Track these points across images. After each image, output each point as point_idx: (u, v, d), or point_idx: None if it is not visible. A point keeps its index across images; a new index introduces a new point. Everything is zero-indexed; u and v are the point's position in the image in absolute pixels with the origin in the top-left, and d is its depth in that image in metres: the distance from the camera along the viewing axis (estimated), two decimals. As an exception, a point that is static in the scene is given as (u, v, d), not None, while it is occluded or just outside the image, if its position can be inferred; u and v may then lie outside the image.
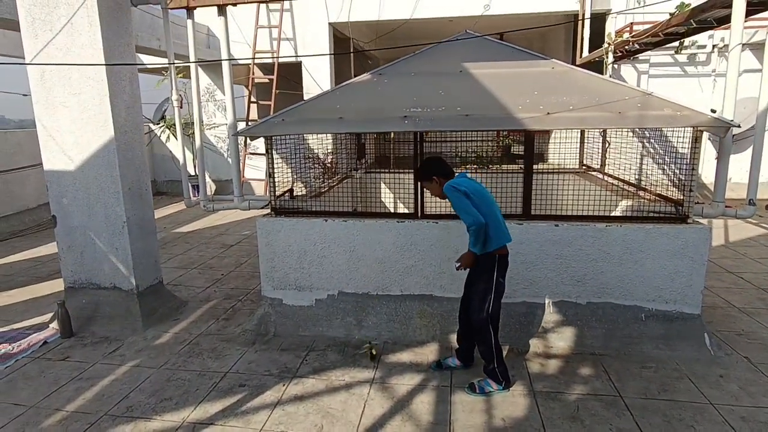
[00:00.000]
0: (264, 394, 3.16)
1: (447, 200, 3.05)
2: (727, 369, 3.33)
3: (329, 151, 5.88)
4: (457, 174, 3.13)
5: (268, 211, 4.17)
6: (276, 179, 4.14)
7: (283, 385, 3.26)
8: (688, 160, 3.66)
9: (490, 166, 6.68)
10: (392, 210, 5.86)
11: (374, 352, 3.58)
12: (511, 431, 2.73)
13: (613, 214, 3.99)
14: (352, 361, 3.54)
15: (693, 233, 3.57)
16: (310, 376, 3.36)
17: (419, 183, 3.27)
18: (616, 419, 2.81)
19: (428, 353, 3.62)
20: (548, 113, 3.47)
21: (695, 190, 3.71)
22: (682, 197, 3.72)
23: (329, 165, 5.81)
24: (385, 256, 3.88)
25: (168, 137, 11.44)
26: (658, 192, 4.19)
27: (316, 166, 5.55)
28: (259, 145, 10.02)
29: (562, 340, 3.68)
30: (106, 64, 3.90)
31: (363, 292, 3.97)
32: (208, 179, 10.36)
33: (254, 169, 10.40)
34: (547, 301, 3.77)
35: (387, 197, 6.05)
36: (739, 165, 7.70)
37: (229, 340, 3.95)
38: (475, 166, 6.72)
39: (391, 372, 3.38)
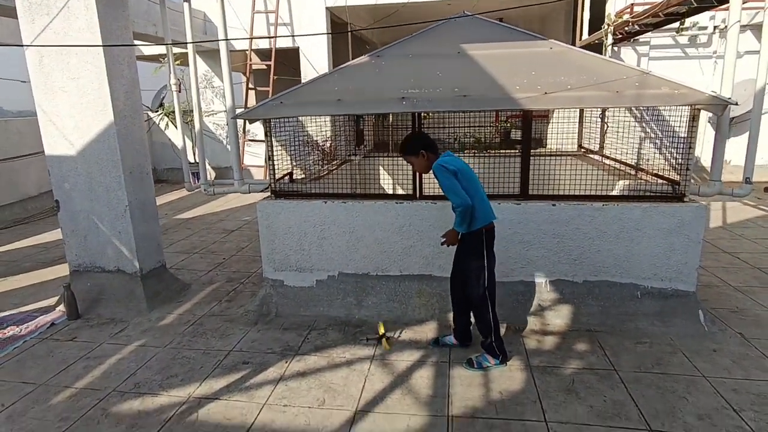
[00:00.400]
0: (267, 370, 3.24)
1: (428, 175, 3.11)
2: (721, 344, 3.40)
3: (328, 136, 5.90)
4: (443, 153, 3.16)
5: (268, 194, 4.22)
6: (275, 163, 4.17)
7: (286, 362, 3.34)
8: (686, 140, 3.69)
9: (489, 150, 6.69)
10: (391, 192, 5.90)
11: (386, 336, 3.55)
12: (508, 403, 2.81)
13: (610, 194, 4.03)
14: (353, 339, 3.61)
15: (689, 211, 3.61)
16: (312, 354, 3.43)
17: (405, 157, 3.23)
18: (610, 391, 2.89)
19: (427, 331, 3.69)
20: (546, 93, 3.49)
21: (692, 168, 3.75)
22: (678, 176, 3.76)
23: (328, 150, 5.84)
24: (385, 236, 3.93)
25: (167, 125, 11.45)
26: (655, 172, 4.22)
27: (315, 151, 5.58)
28: (258, 131, 10.04)
29: (558, 317, 3.75)
30: (103, 45, 3.91)
31: (363, 273, 4.03)
32: (207, 166, 10.40)
33: (253, 156, 10.43)
34: (544, 280, 3.83)
35: (386, 181, 6.08)
36: (738, 148, 7.70)
37: (232, 320, 4.02)
38: (474, 150, 6.73)
39: (391, 349, 3.45)
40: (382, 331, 3.57)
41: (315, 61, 9.91)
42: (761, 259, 5.16)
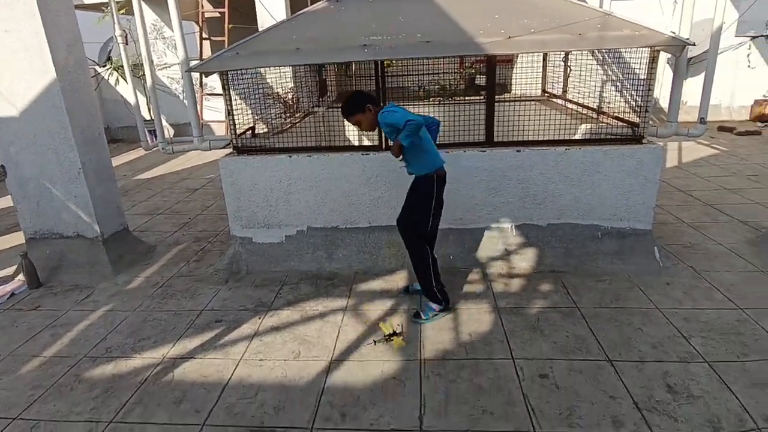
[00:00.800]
0: (241, 327, 3.26)
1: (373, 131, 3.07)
2: (674, 277, 3.61)
3: (290, 88, 5.69)
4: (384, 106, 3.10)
5: (230, 150, 4.08)
6: (236, 118, 4.01)
7: (259, 318, 3.36)
8: (645, 82, 3.74)
9: (454, 98, 6.63)
10: (357, 144, 5.81)
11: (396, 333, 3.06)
12: (477, 344, 2.93)
13: (573, 138, 4.08)
14: (325, 292, 3.65)
15: (647, 153, 3.71)
16: (285, 308, 3.46)
17: (352, 118, 3.03)
18: (572, 327, 3.05)
19: (398, 280, 3.77)
20: (509, 37, 3.43)
21: (651, 110, 3.82)
22: (638, 119, 3.83)
23: (290, 102, 5.65)
24: (352, 189, 3.90)
25: (117, 80, 10.78)
26: (615, 115, 4.29)
27: (277, 103, 5.38)
28: (216, 85, 9.57)
29: (524, 260, 3.88)
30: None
31: (332, 226, 4.03)
32: (165, 123, 9.94)
33: (213, 111, 10.01)
34: (510, 225, 3.93)
35: (351, 132, 5.97)
36: (694, 88, 7.86)
37: (202, 280, 3.99)
38: (439, 98, 6.65)
39: (363, 300, 3.52)
40: (388, 330, 3.08)
41: (271, 7, 9.37)
42: (712, 196, 5.42)
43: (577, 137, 4.12)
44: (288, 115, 5.42)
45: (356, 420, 2.38)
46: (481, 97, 4.09)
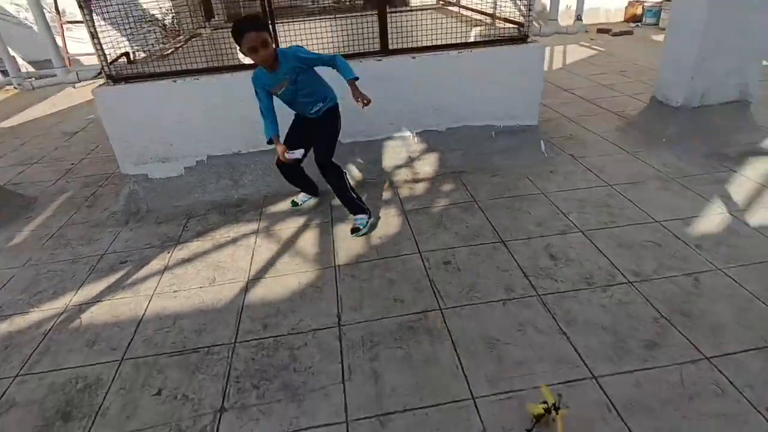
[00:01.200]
0: (149, 264, 3.15)
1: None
2: (556, 166, 4.00)
3: (168, 8, 5.11)
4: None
5: (104, 81, 3.68)
6: (107, 45, 3.58)
7: (168, 252, 3.26)
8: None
9: (352, 12, 6.38)
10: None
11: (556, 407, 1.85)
12: (387, 245, 3.11)
13: (465, 42, 4.17)
14: (235, 219, 3.60)
15: (531, 51, 3.91)
16: (195, 240, 3.38)
17: (260, 34, 2.78)
18: (471, 218, 3.32)
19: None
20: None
21: (534, 11, 3.98)
22: (523, 20, 3.98)
23: (171, 27, 5.10)
24: (250, 111, 3.73)
25: (-53, 12, 8.97)
26: (504, 17, 4.41)
27: (155, 28, 4.84)
28: (78, 12, 8.34)
29: (427, 165, 4.05)
30: None
31: (233, 152, 3.89)
32: (21, 61, 8.61)
33: (80, 43, 8.78)
34: (411, 133, 4.04)
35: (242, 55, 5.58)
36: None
37: (98, 224, 3.73)
38: (335, 14, 6.36)
39: (275, 221, 3.52)
40: (550, 399, 1.85)
41: None
42: (590, 92, 5.90)
43: (469, 41, 4.21)
44: (170, 39, 4.91)
45: (277, 327, 2.48)
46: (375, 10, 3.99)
